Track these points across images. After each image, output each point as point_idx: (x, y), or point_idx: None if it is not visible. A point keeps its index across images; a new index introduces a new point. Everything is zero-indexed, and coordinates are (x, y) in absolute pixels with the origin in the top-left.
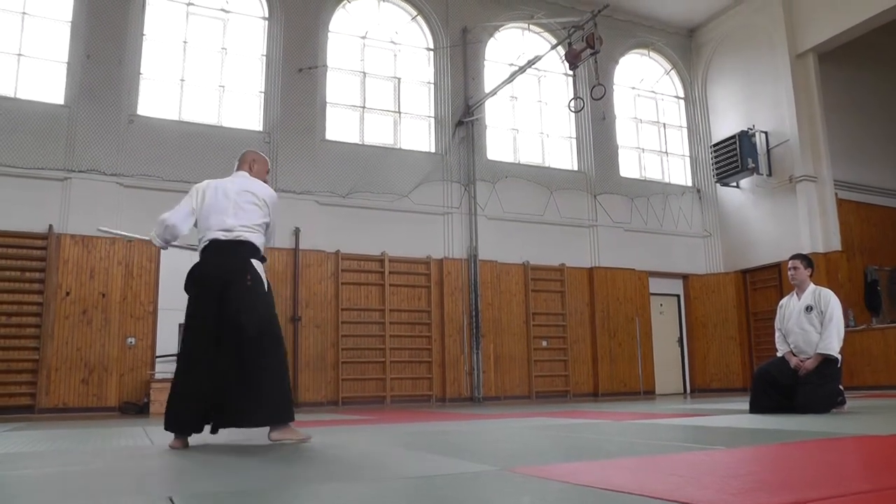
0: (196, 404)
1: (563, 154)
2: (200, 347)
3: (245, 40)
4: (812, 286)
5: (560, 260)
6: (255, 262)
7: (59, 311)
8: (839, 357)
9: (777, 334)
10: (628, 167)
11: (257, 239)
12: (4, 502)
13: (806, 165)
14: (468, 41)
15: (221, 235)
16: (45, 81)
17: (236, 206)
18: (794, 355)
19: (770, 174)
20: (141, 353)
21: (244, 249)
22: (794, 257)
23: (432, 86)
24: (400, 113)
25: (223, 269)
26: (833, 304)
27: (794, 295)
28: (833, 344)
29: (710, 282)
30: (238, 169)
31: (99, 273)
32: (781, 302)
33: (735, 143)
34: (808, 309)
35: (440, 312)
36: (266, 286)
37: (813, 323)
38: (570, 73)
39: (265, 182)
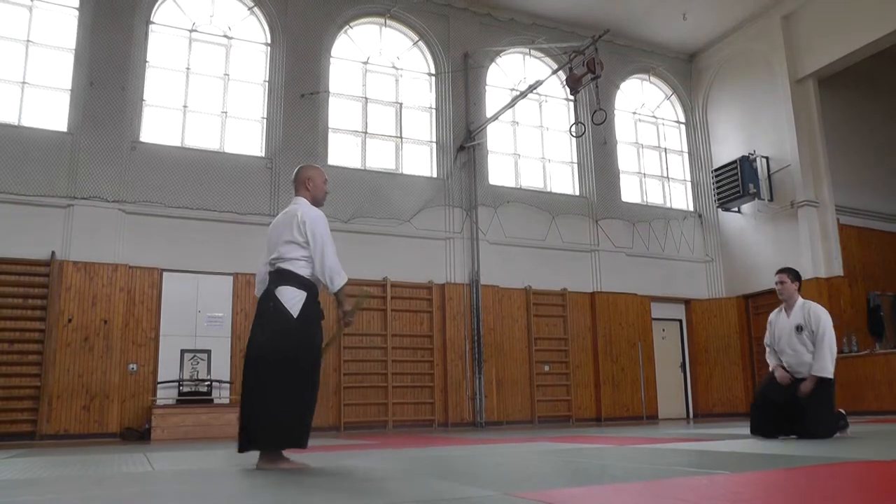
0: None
1: (564, 179)
2: (245, 371)
3: (247, 66)
4: (800, 301)
5: (562, 284)
6: (284, 288)
7: (60, 337)
8: (832, 377)
9: (767, 350)
10: (630, 192)
11: (293, 266)
12: None
13: (807, 190)
14: (469, 66)
15: (268, 268)
16: (49, 109)
17: (278, 237)
18: (785, 370)
19: (771, 199)
20: (142, 380)
21: (275, 278)
22: (780, 271)
23: (434, 111)
24: (401, 138)
25: (259, 300)
26: (823, 321)
27: (783, 311)
28: (827, 365)
29: (712, 307)
30: (296, 193)
31: (101, 300)
32: (771, 318)
33: (736, 168)
34: (799, 329)
35: (442, 337)
36: (293, 314)
37: (804, 343)
38: (571, 97)
39: (325, 193)
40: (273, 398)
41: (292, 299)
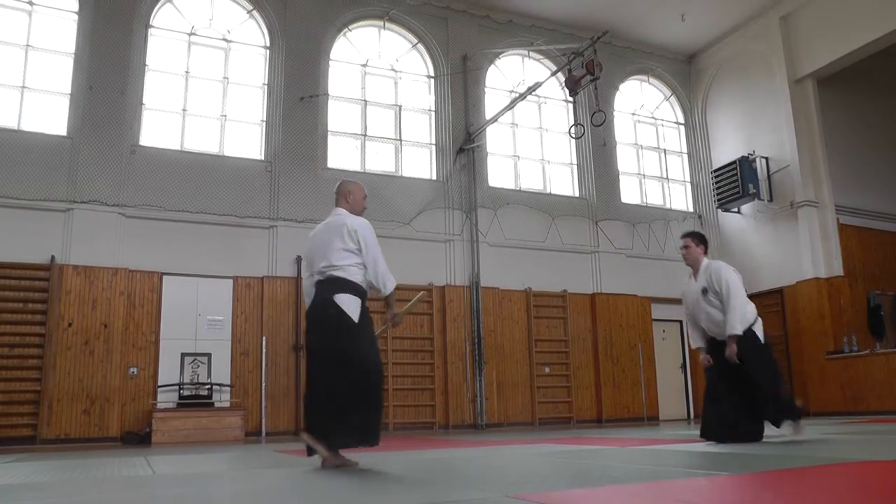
0: None
1: (564, 180)
2: (314, 377)
3: (246, 69)
4: (705, 263)
5: (562, 286)
6: (342, 295)
7: (60, 341)
8: (755, 331)
9: (686, 321)
10: (629, 193)
11: (347, 273)
12: None
13: (807, 191)
14: (468, 68)
15: (318, 277)
16: (48, 113)
17: (324, 246)
18: (706, 353)
19: (771, 199)
20: (143, 383)
21: (328, 286)
22: (684, 235)
23: (433, 113)
24: (401, 140)
25: (314, 307)
26: (725, 277)
27: (691, 277)
28: (735, 324)
29: None
30: (336, 204)
31: (101, 303)
32: (682, 288)
33: (736, 168)
34: (704, 291)
35: (442, 339)
36: (354, 319)
37: (713, 304)
38: (571, 99)
39: (364, 208)
40: (346, 401)
41: (351, 305)
